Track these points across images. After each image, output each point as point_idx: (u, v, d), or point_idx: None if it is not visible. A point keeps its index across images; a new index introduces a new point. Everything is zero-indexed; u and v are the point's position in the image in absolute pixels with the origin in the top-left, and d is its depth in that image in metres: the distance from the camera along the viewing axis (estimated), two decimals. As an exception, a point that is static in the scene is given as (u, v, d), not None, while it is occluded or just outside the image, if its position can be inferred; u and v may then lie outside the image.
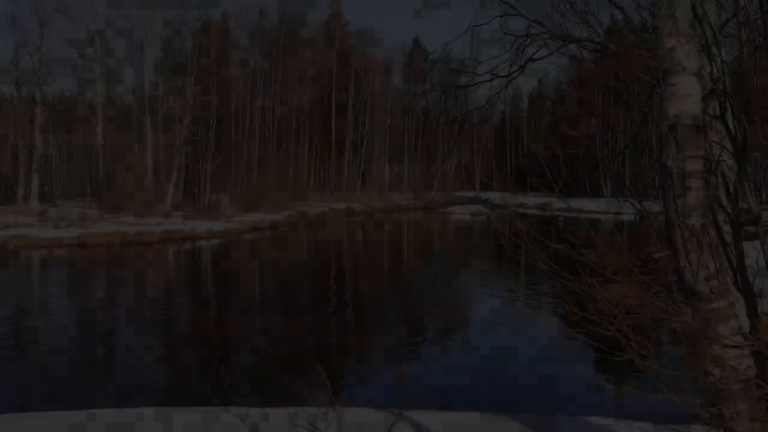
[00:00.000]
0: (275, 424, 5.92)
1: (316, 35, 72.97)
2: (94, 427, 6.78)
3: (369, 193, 74.02)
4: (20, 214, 37.10)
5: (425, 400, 5.68)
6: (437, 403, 7.77)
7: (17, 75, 44.93)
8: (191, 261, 27.62)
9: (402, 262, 28.52)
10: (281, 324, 15.32)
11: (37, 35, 41.25)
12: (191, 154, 49.04)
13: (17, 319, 15.76)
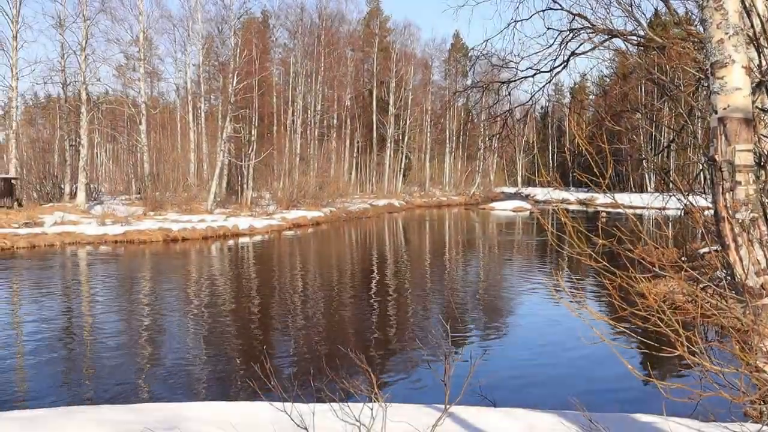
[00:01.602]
0: (321, 418, 5.95)
1: (356, 32, 73.12)
2: (141, 420, 6.87)
3: (410, 189, 74.02)
4: (67, 212, 37.71)
5: (470, 396, 5.66)
6: (482, 399, 7.74)
7: (64, 75, 45.64)
8: (234, 257, 27.84)
9: (444, 257, 28.46)
10: (325, 319, 15.40)
11: (82, 35, 41.81)
12: (233, 152, 49.46)
13: (68, 315, 16.02)
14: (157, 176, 45.83)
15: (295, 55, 59.67)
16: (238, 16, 48.07)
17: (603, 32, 11.11)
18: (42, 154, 50.11)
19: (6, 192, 39.66)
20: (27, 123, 64.12)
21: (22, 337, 13.57)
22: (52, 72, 46.32)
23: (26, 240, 29.07)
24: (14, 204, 39.96)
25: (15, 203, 40.20)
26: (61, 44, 45.19)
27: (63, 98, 48.25)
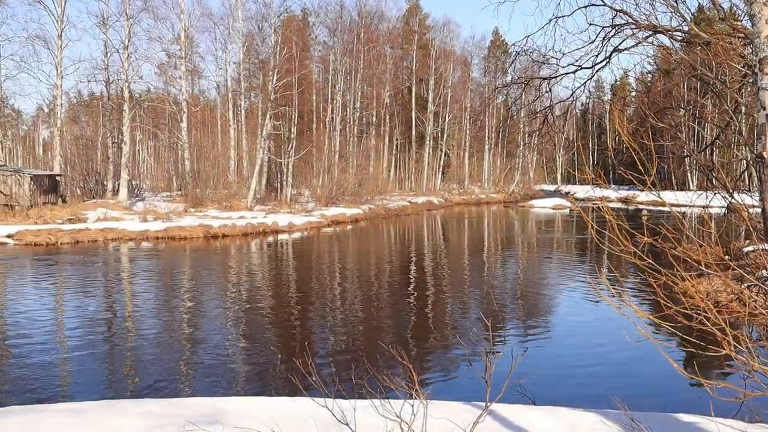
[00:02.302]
0: (362, 414, 5.97)
1: (395, 29, 73.12)
2: (183, 414, 6.94)
3: (449, 186, 73.88)
4: (109, 208, 38.23)
5: (510, 394, 5.64)
6: (522, 397, 7.71)
7: (107, 73, 46.27)
8: (273, 254, 28.00)
9: (483, 254, 28.36)
10: (364, 315, 15.43)
11: (125, 34, 42.33)
12: (273, 149, 49.73)
13: (110, 310, 16.24)
14: (197, 173, 46.27)
15: (334, 53, 59.82)
16: (278, 14, 48.35)
17: (646, 28, 10.98)
18: (85, 151, 50.86)
19: (51, 188, 40.33)
20: (71, 121, 65.07)
21: (65, 331, 13.78)
22: (96, 70, 47.02)
23: (70, 236, 29.53)
24: (59, 200, 40.62)
25: (59, 199, 40.87)
26: (104, 43, 45.87)
27: (106, 96, 48.91)
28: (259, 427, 6.19)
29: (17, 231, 30.29)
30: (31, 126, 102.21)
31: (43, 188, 39.45)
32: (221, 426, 6.43)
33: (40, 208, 36.94)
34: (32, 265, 23.51)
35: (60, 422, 6.62)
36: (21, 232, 30.01)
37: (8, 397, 9.33)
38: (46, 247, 27.67)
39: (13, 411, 7.22)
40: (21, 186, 37.86)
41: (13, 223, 33.30)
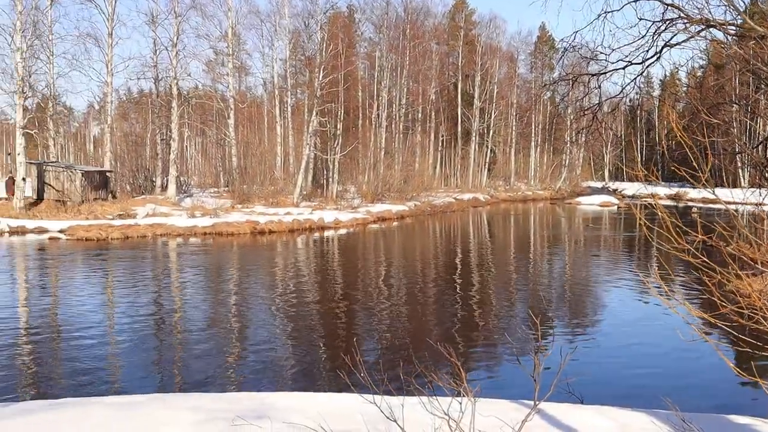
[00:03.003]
0: (410, 411, 5.96)
1: (441, 25, 72.93)
2: (232, 409, 6.99)
3: (495, 183, 73.55)
4: (158, 204, 38.73)
5: (557, 392, 5.57)
6: (570, 396, 7.64)
7: (156, 71, 46.86)
8: (319, 250, 28.12)
9: (529, 251, 28.15)
10: (410, 312, 15.41)
11: (174, 32, 42.80)
12: (319, 145, 49.93)
13: (159, 305, 16.44)
14: (244, 169, 46.63)
15: (380, 49, 59.86)
16: (324, 10, 48.52)
17: (698, 22, 10.79)
18: (135, 147, 51.56)
19: (102, 184, 40.96)
20: (121, 117, 65.98)
21: (116, 326, 13.98)
22: (145, 68, 47.65)
23: (120, 231, 29.97)
24: (109, 196, 41.23)
25: (110, 195, 41.49)
26: (153, 40, 46.50)
27: (155, 93, 49.55)
28: (307, 423, 6.21)
29: (69, 226, 30.86)
30: (82, 123, 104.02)
31: (94, 184, 40.07)
32: (269, 421, 6.47)
33: (91, 203, 37.55)
34: (83, 260, 23.90)
35: (112, 415, 6.71)
36: (73, 227, 30.55)
37: (62, 390, 9.50)
38: (97, 243, 28.12)
39: (67, 403, 7.35)
40: (73, 182, 38.52)
41: (65, 218, 33.93)
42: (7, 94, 38.13)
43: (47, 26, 42.16)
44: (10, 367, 10.88)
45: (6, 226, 31.28)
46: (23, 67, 37.10)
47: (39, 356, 11.57)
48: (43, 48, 42.34)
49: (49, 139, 45.87)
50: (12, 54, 37.28)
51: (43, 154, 50.74)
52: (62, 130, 69.33)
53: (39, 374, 10.61)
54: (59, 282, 19.67)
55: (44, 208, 37.00)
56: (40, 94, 43.70)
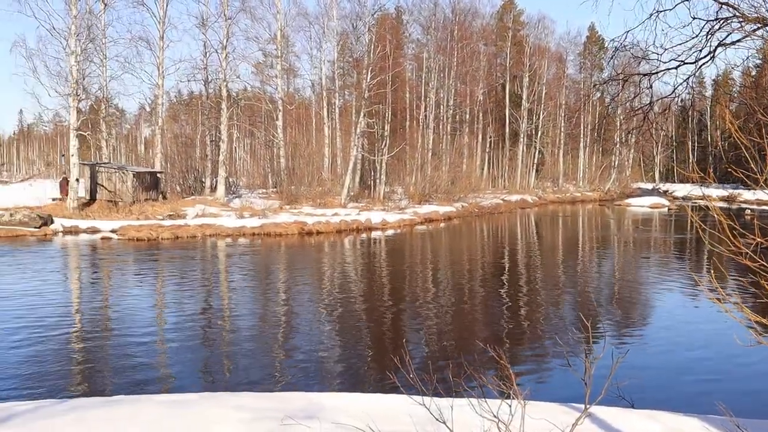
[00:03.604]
0: (459, 412, 5.93)
1: (489, 26, 72.63)
2: (281, 408, 7.03)
3: (543, 184, 73.03)
4: (207, 204, 39.15)
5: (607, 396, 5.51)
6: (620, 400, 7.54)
7: (206, 73, 47.39)
8: (367, 250, 28.17)
9: (577, 253, 27.88)
10: (458, 313, 15.36)
11: (223, 34, 43.23)
12: (366, 147, 50.03)
13: (207, 304, 16.62)
14: (292, 171, 46.90)
15: (428, 50, 59.82)
16: (372, 12, 48.61)
17: (754, 21, 10.57)
18: (184, 149, 52.17)
19: (152, 185, 41.54)
20: (171, 119, 66.87)
21: (165, 324, 14.16)
22: (195, 70, 48.29)
23: (170, 231, 30.35)
24: (159, 197, 41.80)
25: (160, 196, 42.05)
26: (203, 43, 47.01)
27: (205, 95, 50.11)
28: (355, 423, 6.22)
29: (120, 226, 31.35)
30: (133, 124, 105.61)
31: (144, 185, 40.64)
32: (318, 421, 6.49)
33: (142, 204, 38.10)
34: (135, 260, 24.25)
35: (164, 413, 6.80)
36: (124, 227, 31.02)
37: (115, 387, 9.65)
38: (148, 242, 28.51)
39: (121, 400, 7.46)
40: (124, 183, 39.12)
41: (117, 218, 34.48)
42: (61, 96, 38.85)
43: (101, 30, 42.94)
44: (64, 364, 11.08)
45: (60, 226, 31.88)
46: (77, 70, 37.80)
47: (92, 354, 11.76)
48: (97, 51, 43.12)
49: (101, 141, 46.70)
50: (67, 57, 38.01)
51: (96, 156, 51.60)
52: (114, 132, 70.60)
53: (91, 371, 10.79)
54: (111, 281, 20.00)
55: (97, 208, 37.63)
56: (93, 96, 44.47)
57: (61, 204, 38.70)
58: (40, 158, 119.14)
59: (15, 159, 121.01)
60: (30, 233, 30.33)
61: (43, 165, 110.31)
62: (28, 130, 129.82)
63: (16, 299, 16.37)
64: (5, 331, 12.95)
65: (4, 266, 21.82)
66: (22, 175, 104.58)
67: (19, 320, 13.95)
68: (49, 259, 24.14)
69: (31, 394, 9.13)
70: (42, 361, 11.03)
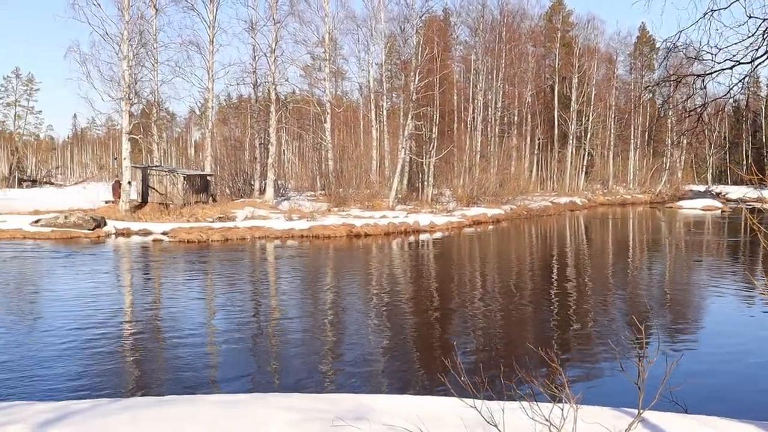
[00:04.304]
0: (510, 416, 5.89)
1: (538, 27, 72.17)
2: (330, 410, 7.06)
3: (592, 186, 72.31)
4: (257, 207, 39.49)
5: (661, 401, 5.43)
6: (672, 405, 7.42)
7: (255, 76, 47.82)
8: (415, 253, 28.16)
9: (627, 256, 27.53)
10: (507, 315, 15.27)
11: (272, 38, 43.58)
12: (414, 149, 50.01)
13: (256, 306, 16.75)
14: (340, 173, 47.09)
15: (475, 52, 59.67)
16: (420, 14, 48.63)
17: (813, 18, 10.33)
18: (234, 151, 52.69)
19: (202, 188, 42.03)
20: (221, 122, 67.53)
21: (215, 325, 14.31)
22: (244, 73, 48.60)
23: (220, 233, 30.67)
24: (209, 199, 42.27)
25: (210, 198, 42.53)
26: (252, 47, 47.42)
27: (254, 98, 50.57)
28: (406, 425, 6.22)
29: (171, 228, 31.77)
30: (184, 128, 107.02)
31: (195, 187, 41.13)
32: (367, 422, 6.50)
33: (192, 206, 38.55)
34: (185, 262, 24.56)
35: (216, 412, 6.87)
36: (175, 229, 31.44)
37: (166, 387, 9.77)
38: (198, 244, 28.84)
39: (174, 400, 7.56)
40: (175, 185, 39.65)
41: (168, 220, 34.97)
42: (114, 100, 39.51)
43: (152, 35, 43.53)
44: (117, 364, 11.26)
45: (113, 228, 32.44)
46: (129, 74, 38.43)
47: (144, 354, 11.93)
48: (148, 56, 43.71)
49: (152, 144, 47.41)
50: (119, 62, 38.65)
51: (147, 159, 52.35)
52: (165, 135, 71.61)
53: (144, 372, 10.94)
54: (163, 283, 20.27)
55: (148, 210, 38.20)
56: (144, 100, 45.16)
57: (113, 206, 39.35)
58: (93, 161, 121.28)
59: (69, 162, 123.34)
60: (84, 235, 30.90)
61: (96, 168, 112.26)
62: (82, 134, 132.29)
63: (72, 300, 16.67)
64: (62, 332, 13.19)
65: (59, 267, 22.26)
66: (76, 178, 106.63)
67: (75, 321, 14.20)
68: (102, 260, 24.57)
69: (86, 394, 9.29)
70: (96, 361, 11.21)
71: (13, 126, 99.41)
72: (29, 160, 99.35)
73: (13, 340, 12.65)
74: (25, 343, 12.41)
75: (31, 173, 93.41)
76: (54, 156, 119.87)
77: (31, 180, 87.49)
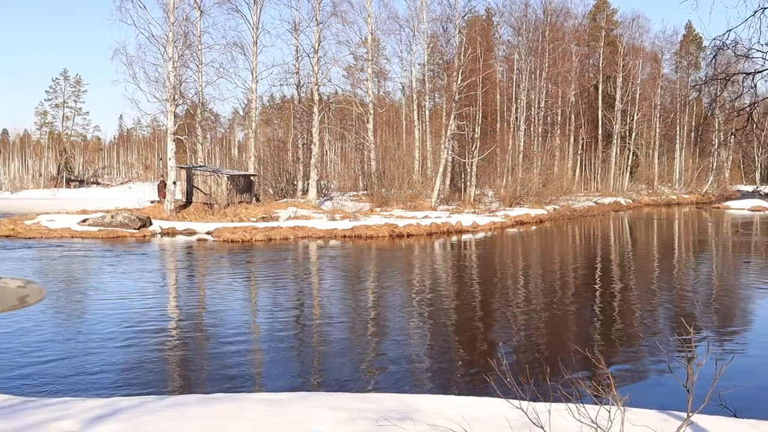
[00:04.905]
0: (556, 417, 5.85)
1: (582, 26, 71.54)
2: (375, 409, 7.06)
3: (637, 187, 71.49)
4: (299, 207, 39.68)
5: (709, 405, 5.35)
6: (721, 408, 7.31)
7: (298, 77, 48.04)
8: (457, 253, 28.08)
9: (673, 257, 27.16)
10: (550, 316, 15.15)
11: (315, 39, 43.78)
12: (457, 149, 49.88)
13: (299, 305, 16.84)
14: (383, 173, 47.15)
15: (518, 52, 59.35)
16: (462, 14, 48.57)
17: None
18: (277, 152, 53.04)
19: (246, 188, 42.34)
20: (264, 123, 68.07)
21: (258, 324, 14.40)
22: (288, 74, 48.83)
23: (263, 233, 30.88)
24: (253, 199, 42.57)
25: (253, 198, 42.83)
26: (295, 47, 47.68)
27: (296, 99, 50.79)
28: (451, 426, 6.20)
29: (215, 228, 32.09)
30: (227, 128, 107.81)
31: (238, 187, 41.44)
32: (412, 422, 6.50)
33: (236, 206, 38.86)
34: (229, 261, 24.78)
35: (260, 411, 6.92)
36: (219, 229, 31.73)
37: (211, 385, 9.86)
38: (242, 244, 29.06)
39: (220, 398, 7.64)
40: (219, 185, 39.98)
41: (212, 220, 35.32)
42: (159, 102, 39.97)
43: (197, 36, 44.00)
44: (163, 361, 11.39)
45: (158, 228, 32.85)
46: (175, 76, 38.85)
47: (189, 352, 12.05)
48: (193, 57, 44.16)
49: (197, 145, 47.90)
50: (165, 64, 39.10)
51: (192, 159, 52.92)
52: (209, 136, 72.24)
53: (188, 369, 11.06)
54: (207, 282, 20.48)
55: (192, 210, 38.60)
56: (189, 101, 45.59)
57: (158, 206, 39.81)
58: (138, 162, 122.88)
59: (115, 163, 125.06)
60: (130, 234, 31.33)
61: (142, 168, 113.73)
62: (128, 135, 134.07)
63: (118, 299, 16.92)
64: (109, 330, 13.39)
65: (106, 266, 22.60)
66: (122, 178, 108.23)
67: (121, 319, 14.40)
68: (148, 259, 24.89)
69: (133, 390, 9.42)
70: (143, 359, 11.35)
71: (62, 127, 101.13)
72: (77, 160, 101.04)
73: (62, 336, 12.88)
74: (74, 339, 12.62)
75: (79, 173, 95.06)
76: (101, 156, 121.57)
77: (78, 180, 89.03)
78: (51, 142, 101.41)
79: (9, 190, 78.62)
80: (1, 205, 50.97)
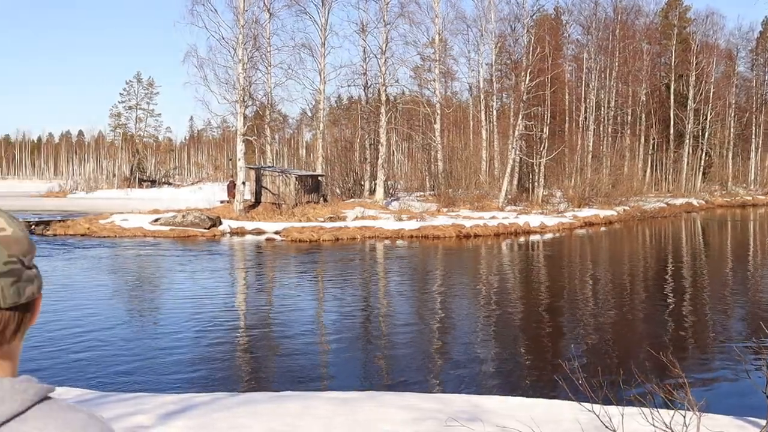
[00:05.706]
0: (628, 421, 5.76)
1: (653, 24, 70.22)
2: (443, 410, 7.06)
3: (709, 187, 69.86)
4: (367, 207, 39.82)
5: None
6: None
7: (365, 78, 48.25)
8: (525, 254, 27.89)
9: (747, 260, 26.48)
10: (619, 319, 14.92)
11: (383, 39, 43.90)
12: (524, 149, 49.48)
13: (365, 305, 16.92)
14: (450, 174, 47.03)
15: (588, 51, 58.58)
16: (531, 13, 48.13)
17: None
18: (344, 152, 53.28)
19: (313, 188, 42.67)
20: (331, 123, 68.45)
21: (325, 324, 14.53)
22: (355, 75, 49.06)
23: (330, 233, 31.08)
24: (320, 199, 42.89)
25: (321, 198, 43.15)
26: (363, 48, 47.88)
27: (364, 99, 51.01)
28: (520, 427, 6.16)
29: (284, 228, 32.41)
30: (295, 129, 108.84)
31: (306, 188, 41.78)
32: (481, 423, 6.47)
33: (303, 206, 39.17)
34: (298, 261, 25.03)
35: (330, 409, 6.97)
36: (287, 229, 32.04)
37: (280, 383, 9.96)
38: (309, 244, 29.31)
39: (289, 396, 7.72)
40: (287, 186, 40.38)
41: (280, 220, 35.67)
42: (229, 103, 40.59)
43: (266, 39, 44.52)
44: (232, 359, 11.58)
45: (228, 227, 33.35)
46: (244, 77, 39.40)
47: (258, 350, 12.22)
48: (262, 59, 44.69)
49: (265, 145, 48.48)
50: (234, 66, 39.69)
51: (260, 160, 53.53)
52: (277, 137, 73.01)
53: (258, 367, 11.22)
54: (276, 281, 20.74)
55: (261, 210, 39.05)
56: (258, 102, 46.16)
57: (228, 206, 40.40)
58: (208, 162, 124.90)
59: (186, 163, 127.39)
60: (200, 234, 31.87)
61: (212, 168, 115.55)
62: (198, 136, 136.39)
63: (190, 297, 17.24)
64: (180, 327, 13.65)
65: (177, 265, 23.04)
66: (192, 178, 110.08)
67: (192, 317, 14.66)
68: (218, 259, 25.31)
69: (204, 385, 9.58)
70: (215, 357, 11.54)
71: (135, 128, 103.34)
72: (149, 161, 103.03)
73: (136, 333, 13.19)
74: (147, 336, 12.91)
75: (151, 174, 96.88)
76: (172, 157, 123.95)
77: (150, 180, 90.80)
78: (124, 143, 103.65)
79: (84, 190, 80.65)
80: (77, 205, 52.29)
